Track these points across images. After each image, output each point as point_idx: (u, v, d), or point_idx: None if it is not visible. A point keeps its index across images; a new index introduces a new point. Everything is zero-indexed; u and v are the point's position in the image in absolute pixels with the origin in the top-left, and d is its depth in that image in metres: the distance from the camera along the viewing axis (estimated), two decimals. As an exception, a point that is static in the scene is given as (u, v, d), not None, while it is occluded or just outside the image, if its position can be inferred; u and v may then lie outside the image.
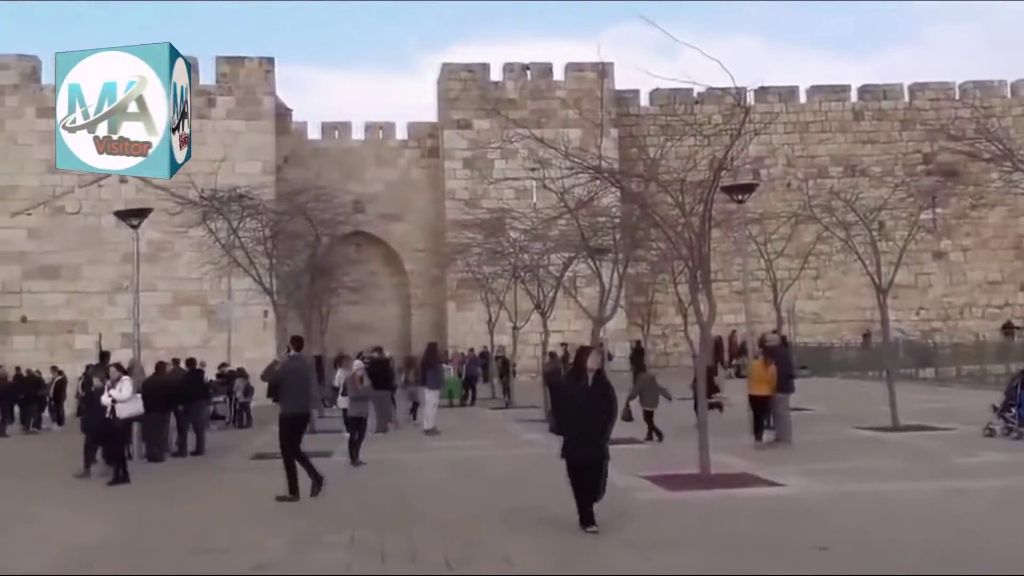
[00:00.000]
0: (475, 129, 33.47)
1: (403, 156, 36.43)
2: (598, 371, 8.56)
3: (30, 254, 29.79)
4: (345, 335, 30.70)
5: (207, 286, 27.49)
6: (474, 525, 9.24)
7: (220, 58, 32.17)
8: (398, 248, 35.54)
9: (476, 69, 34.94)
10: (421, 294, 35.14)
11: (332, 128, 36.55)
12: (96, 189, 30.13)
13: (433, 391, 18.31)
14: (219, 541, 9.03)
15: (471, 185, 32.46)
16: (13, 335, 28.96)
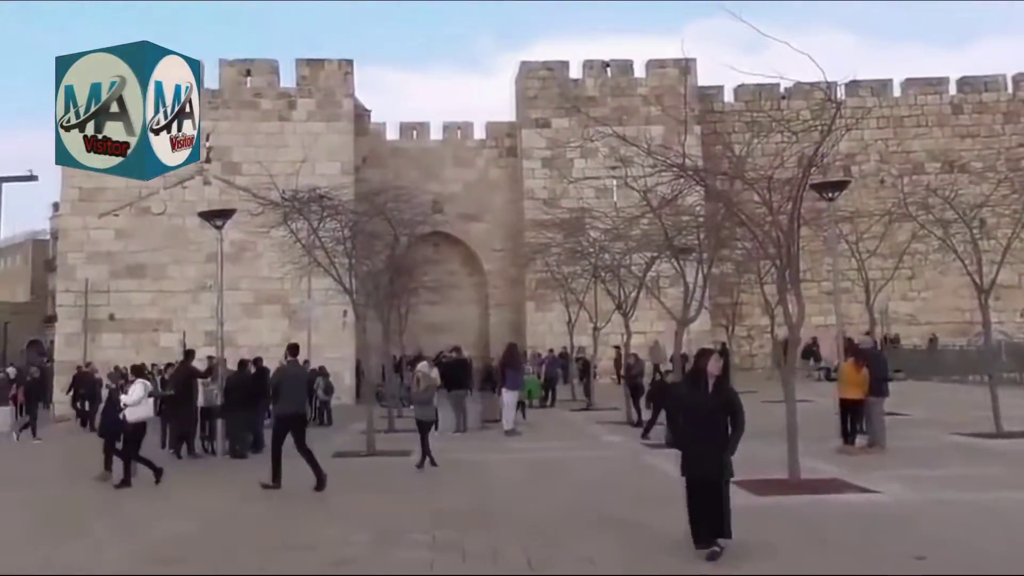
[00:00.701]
0: (554, 128, 33.55)
1: (481, 156, 36.77)
2: (719, 376, 7.79)
3: (117, 254, 30.97)
4: (423, 335, 31.14)
5: (288, 285, 28.25)
6: (555, 526, 9.28)
7: (300, 61, 32.97)
8: (476, 248, 35.87)
9: (555, 67, 35.01)
10: (499, 294, 35.40)
11: (410, 128, 37.12)
12: (180, 190, 31.22)
13: (512, 392, 18.42)
14: (302, 538, 9.26)
15: (550, 184, 32.52)
16: (102, 333, 30.18)
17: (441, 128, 37.17)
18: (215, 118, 31.78)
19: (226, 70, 32.43)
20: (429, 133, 37.02)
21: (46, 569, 8.44)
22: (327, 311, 26.11)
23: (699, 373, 7.80)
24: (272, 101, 32.36)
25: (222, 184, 31.11)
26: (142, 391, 13.21)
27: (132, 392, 13.17)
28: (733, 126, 34.29)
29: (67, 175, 31.20)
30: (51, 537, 9.80)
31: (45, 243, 59.24)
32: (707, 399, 7.65)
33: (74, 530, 10.23)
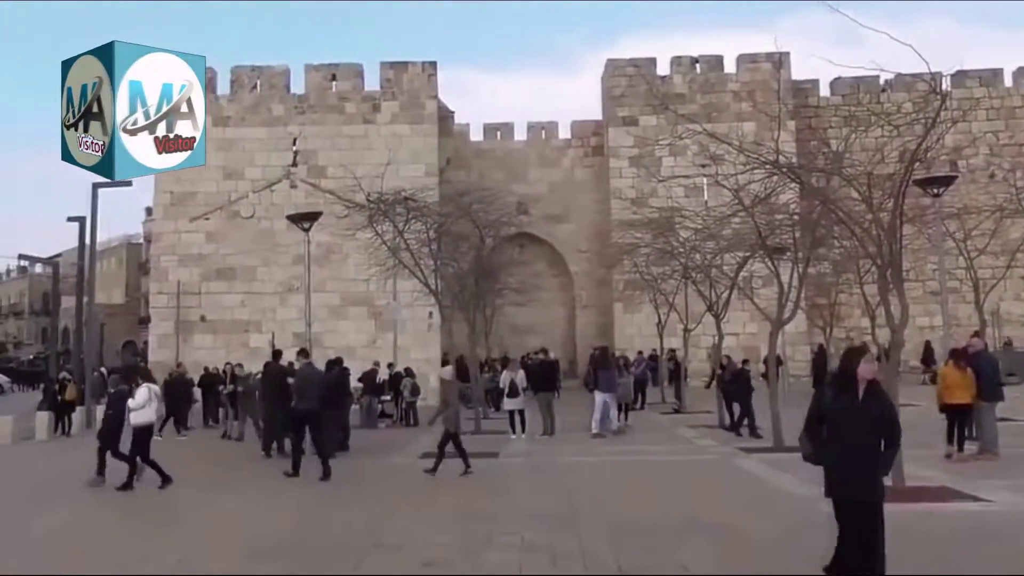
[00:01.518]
0: (641, 126, 33.35)
1: (566, 156, 36.81)
2: (872, 381, 6.63)
3: (208, 256, 32.08)
4: (509, 337, 31.40)
5: (374, 287, 28.72)
6: (646, 530, 9.25)
7: (384, 64, 33.55)
8: (562, 249, 35.93)
9: (642, 64, 34.82)
10: (586, 296, 35.38)
11: (494, 129, 37.39)
12: (268, 194, 32.19)
13: (605, 394, 18.44)
14: (391, 537, 9.42)
15: (638, 183, 32.34)
16: (194, 334, 31.32)
17: (525, 128, 37.35)
18: (301, 122, 32.67)
19: (312, 75, 33.26)
20: (513, 134, 37.23)
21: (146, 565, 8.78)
22: (413, 312, 26.54)
23: (848, 376, 6.68)
24: (357, 104, 33.03)
25: (308, 187, 31.93)
26: (147, 395, 13.38)
27: (137, 396, 13.32)
28: (829, 121, 33.57)
29: (160, 181, 32.48)
30: (149, 534, 10.21)
31: (139, 247, 61.61)
32: (858, 407, 6.56)
33: (172, 527, 10.63)
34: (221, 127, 32.62)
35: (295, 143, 32.64)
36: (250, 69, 33.38)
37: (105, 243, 58.54)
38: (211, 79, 33.03)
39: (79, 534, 10.35)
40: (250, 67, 33.42)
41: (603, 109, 36.02)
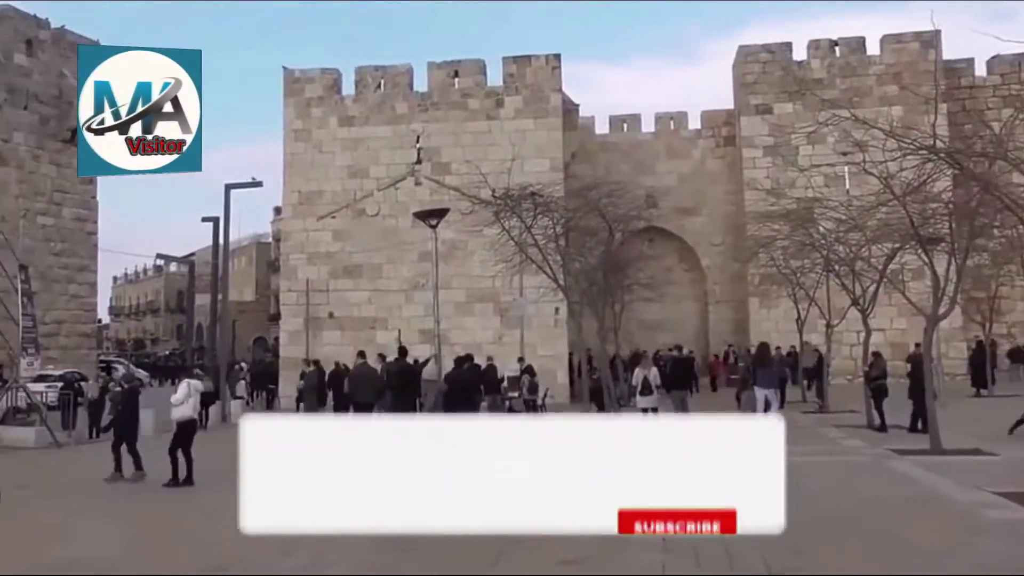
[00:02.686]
0: (776, 114, 32.51)
1: (696, 147, 36.25)
2: None
3: (335, 254, 33.07)
4: (638, 333, 31.18)
5: (499, 283, 29.03)
6: (794, 533, 8.94)
7: (507, 58, 33.76)
8: (693, 243, 35.42)
9: (776, 49, 33.93)
10: (719, 290, 34.78)
11: (620, 121, 37.16)
12: (393, 192, 32.93)
13: (765, 390, 18.18)
14: (530, 534, 9.51)
15: (773, 173, 31.54)
16: (323, 330, 32.37)
17: (653, 120, 36.96)
18: (425, 120, 33.25)
19: (434, 72, 33.80)
20: (640, 126, 36.89)
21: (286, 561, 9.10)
22: (539, 309, 26.63)
23: None
24: (480, 100, 33.37)
25: (432, 184, 32.48)
26: (186, 391, 13.71)
27: (178, 392, 13.74)
28: (986, 102, 31.91)
29: (288, 180, 33.74)
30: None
31: (267, 245, 64.15)
32: None
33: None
34: (346, 127, 33.59)
35: (418, 141, 33.25)
36: (374, 69, 34.21)
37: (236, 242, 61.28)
38: (336, 80, 34.08)
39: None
40: (374, 67, 34.25)
41: (735, 97, 35.29)
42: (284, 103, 34.13)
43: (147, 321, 79.75)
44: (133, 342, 75.62)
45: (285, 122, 34.03)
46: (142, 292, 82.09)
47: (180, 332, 67.81)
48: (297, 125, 33.92)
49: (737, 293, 33.44)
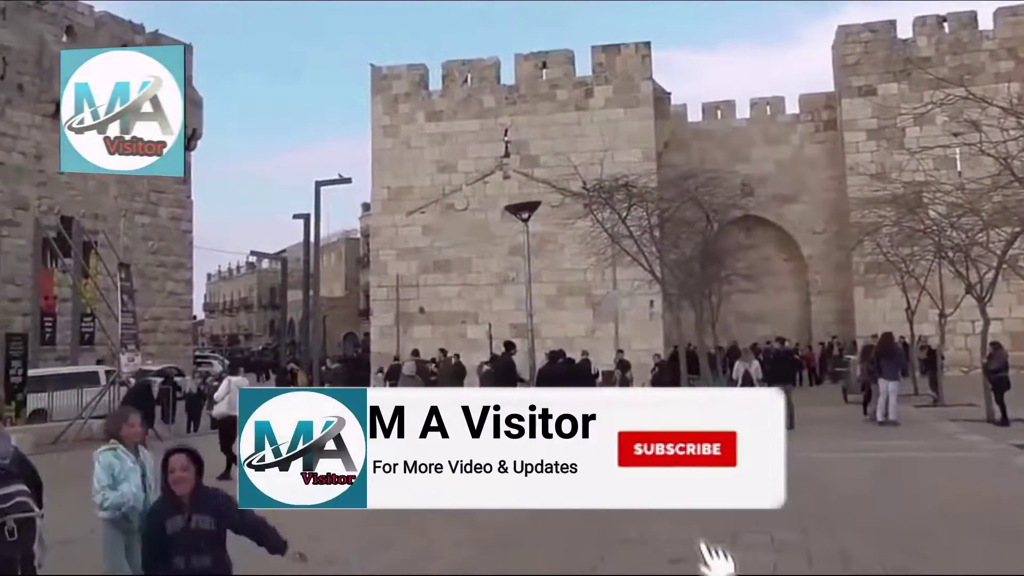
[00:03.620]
0: (880, 95, 31.52)
1: (795, 132, 35.40)
2: None
3: (425, 249, 33.42)
4: (737, 325, 30.68)
5: (591, 276, 28.98)
6: (912, 532, 8.71)
7: (596, 48, 33.55)
8: (793, 231, 34.63)
9: (879, 28, 32.86)
10: (822, 280, 33.92)
11: (714, 108, 36.56)
12: (482, 186, 33.09)
13: (890, 382, 17.77)
14: (635, 532, 9.38)
15: (878, 157, 30.61)
16: (413, 325, 32.77)
17: (748, 105, 36.24)
18: (513, 113, 33.29)
19: (522, 65, 33.81)
20: (735, 112, 36.22)
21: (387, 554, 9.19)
22: (632, 302, 26.42)
23: None
24: (568, 91, 33.26)
25: (521, 178, 32.52)
26: (226, 388, 13.94)
27: (220, 388, 14.15)
28: (1117, 75, 30.34)
29: (377, 176, 34.22)
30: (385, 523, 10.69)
31: (356, 241, 65.27)
32: None
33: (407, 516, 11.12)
34: (434, 122, 33.89)
35: (507, 134, 33.33)
36: (460, 63, 34.41)
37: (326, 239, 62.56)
38: (423, 76, 34.41)
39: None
40: (460, 61, 34.46)
41: (835, 79, 34.32)
42: (372, 100, 34.61)
43: (240, 317, 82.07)
44: (227, 338, 77.97)
45: (373, 119, 34.51)
46: (235, 289, 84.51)
47: (272, 328, 69.50)
48: (385, 121, 34.36)
49: (841, 283, 32.56)
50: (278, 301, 58.86)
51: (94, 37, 34.87)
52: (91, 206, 33.87)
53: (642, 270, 21.28)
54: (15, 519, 3.99)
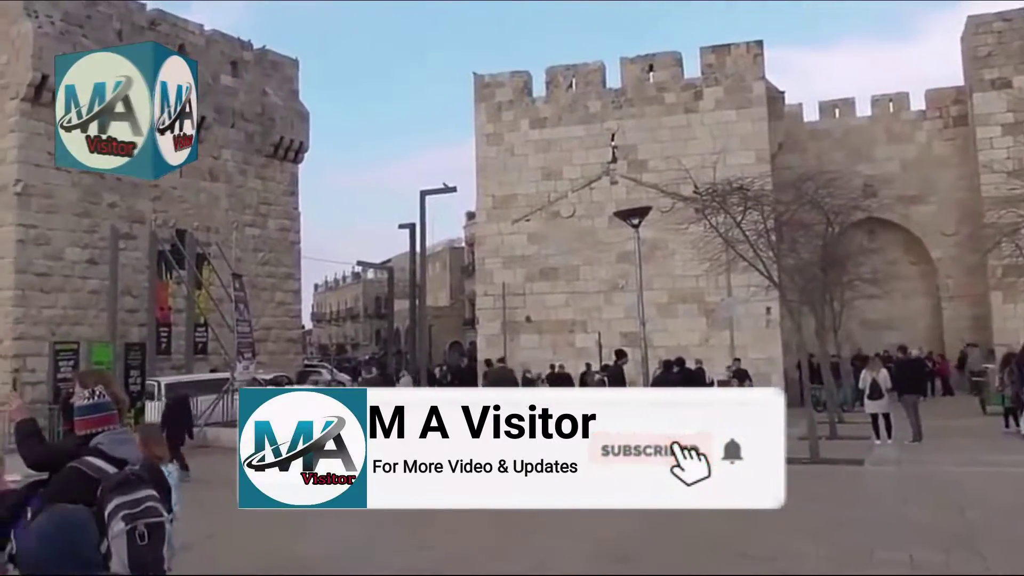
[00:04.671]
0: (1016, 87, 30.16)
1: (921, 129, 34.12)
2: None
3: (531, 257, 33.41)
4: (861, 332, 29.76)
5: (703, 283, 28.51)
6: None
7: (704, 48, 33.03)
8: (921, 233, 33.36)
9: (1014, 17, 31.38)
10: (953, 284, 32.53)
11: (831, 107, 35.61)
12: (588, 192, 32.94)
13: None
14: (761, 548, 9.13)
15: (1015, 153, 29.28)
16: (520, 334, 32.79)
17: (868, 103, 35.15)
18: (619, 117, 33.06)
19: (628, 68, 33.55)
20: (854, 110, 35.17)
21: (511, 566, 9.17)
22: (748, 309, 25.84)
23: None
24: (677, 94, 32.83)
25: (629, 183, 32.25)
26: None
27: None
28: None
29: (482, 185, 34.45)
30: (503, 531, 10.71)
31: (461, 250, 66.04)
32: None
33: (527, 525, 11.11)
34: (538, 128, 33.92)
35: (613, 138, 33.12)
36: (564, 68, 34.37)
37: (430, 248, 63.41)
38: (526, 82, 34.49)
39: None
40: (564, 66, 34.42)
41: (965, 73, 32.96)
42: (475, 108, 34.89)
43: (347, 327, 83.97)
44: (335, 347, 79.88)
45: (476, 127, 34.77)
46: (342, 299, 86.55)
47: (378, 337, 70.78)
48: (488, 129, 34.58)
49: (975, 287, 31.17)
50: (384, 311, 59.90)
51: (205, 55, 36.26)
52: (203, 219, 35.12)
53: (757, 276, 20.79)
54: (146, 523, 4.10)
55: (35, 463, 4.89)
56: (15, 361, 28.27)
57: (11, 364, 28.29)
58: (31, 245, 29.23)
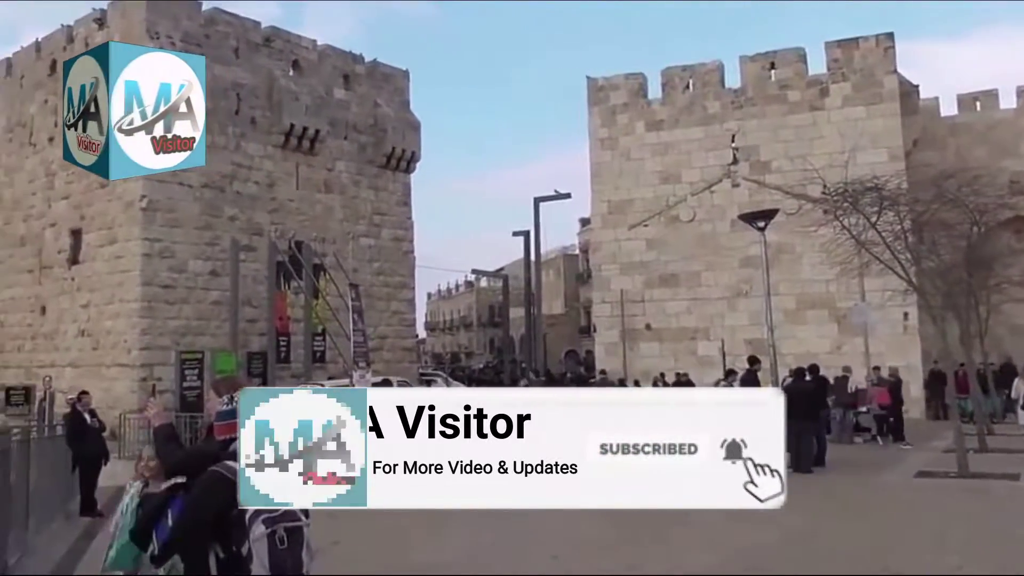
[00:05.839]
0: None
1: (1075, 119, 32.46)
2: None
3: (649, 263, 33.09)
4: (1010, 339, 28.40)
5: (834, 288, 27.73)
6: None
7: (830, 43, 32.20)
8: (1078, 232, 31.76)
9: None
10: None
11: (971, 100, 34.23)
12: (708, 195, 32.45)
13: None
14: (898, 563, 8.86)
15: None
16: (639, 342, 32.49)
17: (1014, 95, 33.58)
18: (739, 118, 32.50)
19: (748, 66, 32.96)
20: (997, 102, 33.69)
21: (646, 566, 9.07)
22: (884, 314, 24.96)
23: None
24: (801, 91, 32.08)
25: (752, 185, 31.64)
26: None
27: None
28: None
29: (597, 191, 34.31)
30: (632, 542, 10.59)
31: (575, 257, 65.97)
32: None
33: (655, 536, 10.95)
34: (655, 131, 33.62)
35: (734, 140, 32.57)
36: (681, 69, 34.00)
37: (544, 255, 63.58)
38: (641, 85, 34.24)
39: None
40: (681, 67, 34.04)
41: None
42: (588, 112, 34.82)
43: (460, 335, 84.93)
44: (449, 355, 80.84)
45: (590, 131, 34.69)
46: (455, 307, 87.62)
47: (492, 345, 71.27)
48: (603, 134, 34.45)
49: None
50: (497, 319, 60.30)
51: (318, 69, 37.27)
52: (319, 230, 36.04)
53: (893, 280, 20.09)
54: (285, 527, 4.24)
55: (174, 467, 5.03)
56: (143, 370, 29.53)
57: (139, 373, 29.58)
58: (156, 258, 30.51)
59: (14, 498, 10.09)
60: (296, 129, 35.41)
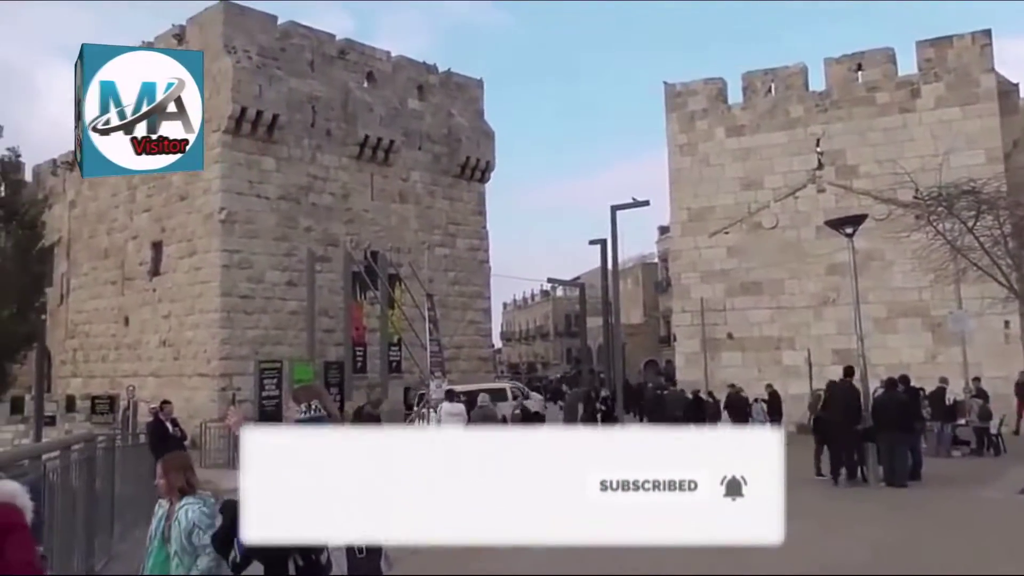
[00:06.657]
0: None
1: None
2: None
3: (731, 271, 32.56)
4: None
5: (927, 296, 26.96)
6: None
7: (921, 43, 31.34)
8: None
9: None
10: None
11: (1075, 98, 32.97)
12: (792, 201, 31.82)
13: None
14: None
15: None
16: (721, 352, 31.97)
17: (1124, 91, 32.30)
18: (824, 121, 31.85)
19: (832, 68, 32.26)
20: (1101, 100, 32.42)
21: None
22: (982, 322, 24.10)
23: None
24: (890, 93, 31.28)
25: (838, 190, 30.95)
26: (436, 416, 13.99)
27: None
28: None
29: (676, 198, 33.95)
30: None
31: (653, 266, 65.47)
32: None
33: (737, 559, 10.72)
34: (736, 136, 33.13)
35: (818, 144, 31.92)
36: (762, 73, 33.45)
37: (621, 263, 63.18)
38: (721, 89, 33.80)
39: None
40: (762, 71, 33.50)
41: None
42: (667, 118, 34.50)
43: (536, 345, 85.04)
44: (526, 365, 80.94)
45: (669, 138, 34.36)
46: (531, 317, 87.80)
47: (569, 355, 71.10)
48: (681, 140, 34.09)
49: None
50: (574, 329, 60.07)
51: (392, 80, 37.73)
52: (394, 240, 36.44)
53: (993, 287, 19.50)
54: None
55: None
56: (222, 380, 30.15)
57: (218, 383, 30.21)
58: (235, 269, 31.14)
59: (100, 504, 10.32)
60: (371, 140, 35.84)
